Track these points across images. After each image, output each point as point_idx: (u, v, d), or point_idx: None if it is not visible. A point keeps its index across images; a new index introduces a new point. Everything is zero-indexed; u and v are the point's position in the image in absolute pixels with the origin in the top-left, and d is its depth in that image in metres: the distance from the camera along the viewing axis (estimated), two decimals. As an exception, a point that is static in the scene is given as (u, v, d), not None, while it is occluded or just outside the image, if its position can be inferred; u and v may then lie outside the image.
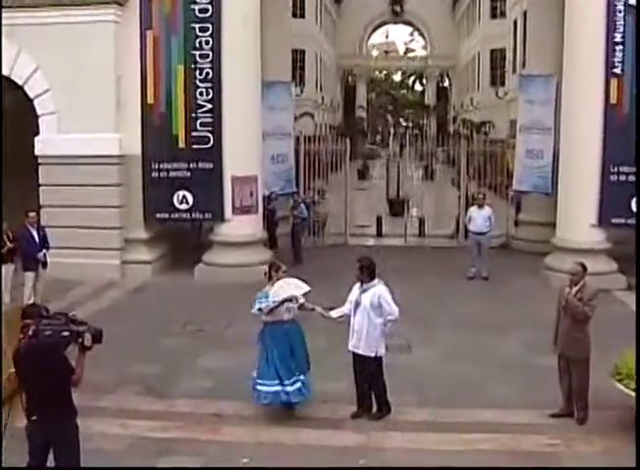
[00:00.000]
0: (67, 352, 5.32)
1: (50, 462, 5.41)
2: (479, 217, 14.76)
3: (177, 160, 14.25)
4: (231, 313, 11.25)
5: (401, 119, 76.21)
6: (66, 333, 5.20)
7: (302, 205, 16.79)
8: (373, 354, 7.53)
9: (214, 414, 7.81)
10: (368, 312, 7.44)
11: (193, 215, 14.50)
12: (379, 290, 7.48)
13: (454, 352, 10.09)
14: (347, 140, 20.02)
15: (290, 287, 7.53)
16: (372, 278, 7.50)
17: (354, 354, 7.64)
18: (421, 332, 10.86)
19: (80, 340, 5.19)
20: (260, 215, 15.10)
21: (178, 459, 6.81)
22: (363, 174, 37.48)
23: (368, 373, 7.63)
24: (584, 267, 7.67)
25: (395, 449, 7.06)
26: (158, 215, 14.52)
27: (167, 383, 8.78)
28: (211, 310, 11.95)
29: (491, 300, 13.07)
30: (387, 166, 27.97)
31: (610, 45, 13.25)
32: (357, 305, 7.51)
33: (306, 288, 7.60)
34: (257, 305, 7.57)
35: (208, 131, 14.19)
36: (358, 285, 7.61)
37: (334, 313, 7.74)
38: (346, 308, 7.69)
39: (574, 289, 7.58)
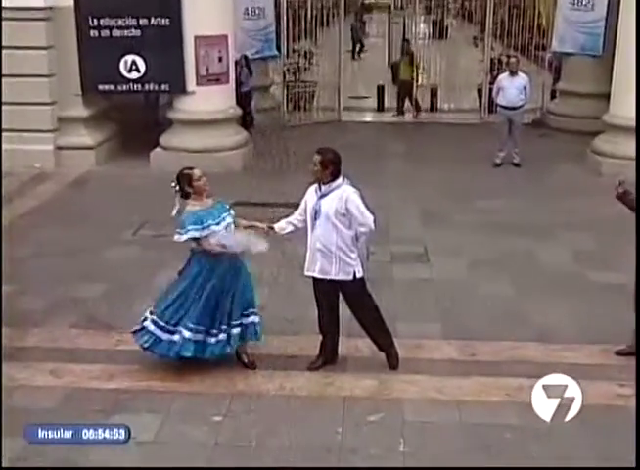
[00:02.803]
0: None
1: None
2: (511, 87, 13.86)
3: (123, 14, 13.36)
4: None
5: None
6: None
7: (245, 68, 15.93)
8: (351, 277, 6.57)
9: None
10: (333, 223, 6.43)
11: (146, 87, 13.84)
12: (345, 192, 6.40)
13: (483, 262, 9.44)
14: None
15: None
16: (335, 177, 6.43)
17: (321, 282, 6.64)
18: (439, 235, 10.29)
19: None
20: (232, 86, 14.34)
21: (130, 418, 6.00)
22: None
23: (357, 306, 6.74)
24: None
25: (415, 401, 6.34)
26: (100, 87, 13.81)
27: (115, 310, 8.04)
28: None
29: (527, 193, 12.35)
30: (388, 22, 26.96)
31: None
32: (316, 214, 6.47)
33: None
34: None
35: (162, -25, 13.26)
36: (315, 188, 6.57)
37: (277, 227, 6.73)
38: (297, 220, 6.71)
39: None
